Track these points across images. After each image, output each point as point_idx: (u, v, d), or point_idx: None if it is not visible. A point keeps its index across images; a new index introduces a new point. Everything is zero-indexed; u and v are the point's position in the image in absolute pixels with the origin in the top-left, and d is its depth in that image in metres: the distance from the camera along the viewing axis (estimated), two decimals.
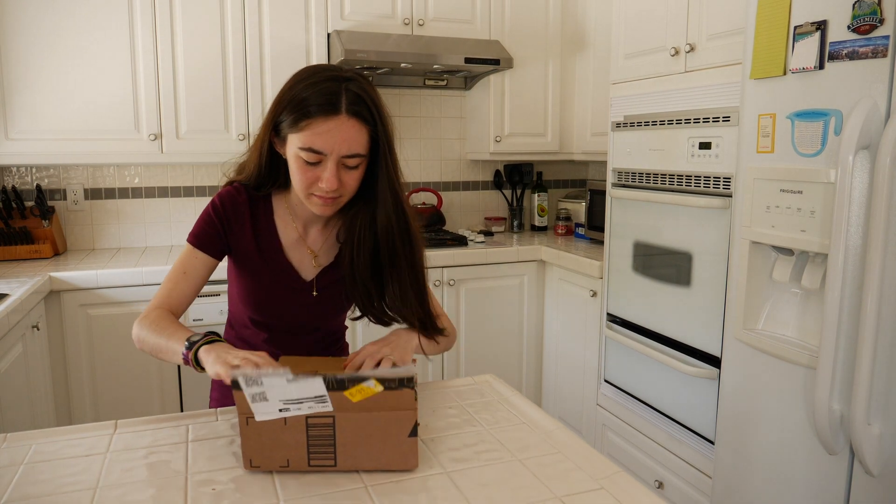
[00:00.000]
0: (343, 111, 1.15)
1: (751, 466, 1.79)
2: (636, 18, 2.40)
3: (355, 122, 1.16)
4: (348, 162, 1.19)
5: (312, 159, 1.17)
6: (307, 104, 1.15)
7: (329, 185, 1.18)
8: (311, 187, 1.20)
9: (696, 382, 2.13)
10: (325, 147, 1.16)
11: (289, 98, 1.18)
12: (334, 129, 1.15)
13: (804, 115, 1.57)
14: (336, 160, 1.17)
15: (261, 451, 0.97)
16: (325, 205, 1.23)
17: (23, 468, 0.99)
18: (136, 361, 2.52)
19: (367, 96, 1.18)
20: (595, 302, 2.70)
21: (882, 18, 1.39)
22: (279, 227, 1.34)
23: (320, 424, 0.96)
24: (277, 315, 1.36)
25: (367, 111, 1.18)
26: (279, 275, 1.34)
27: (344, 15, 2.89)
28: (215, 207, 1.31)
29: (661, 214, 2.26)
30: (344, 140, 1.16)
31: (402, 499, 0.90)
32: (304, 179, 1.20)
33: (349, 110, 1.15)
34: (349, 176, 1.20)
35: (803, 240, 1.59)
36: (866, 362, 1.42)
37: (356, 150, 1.18)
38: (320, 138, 1.15)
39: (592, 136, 3.12)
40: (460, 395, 1.29)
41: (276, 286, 1.34)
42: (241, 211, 1.32)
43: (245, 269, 1.34)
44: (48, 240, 2.75)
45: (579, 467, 0.99)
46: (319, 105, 1.14)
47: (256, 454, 0.97)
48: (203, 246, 1.30)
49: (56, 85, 2.58)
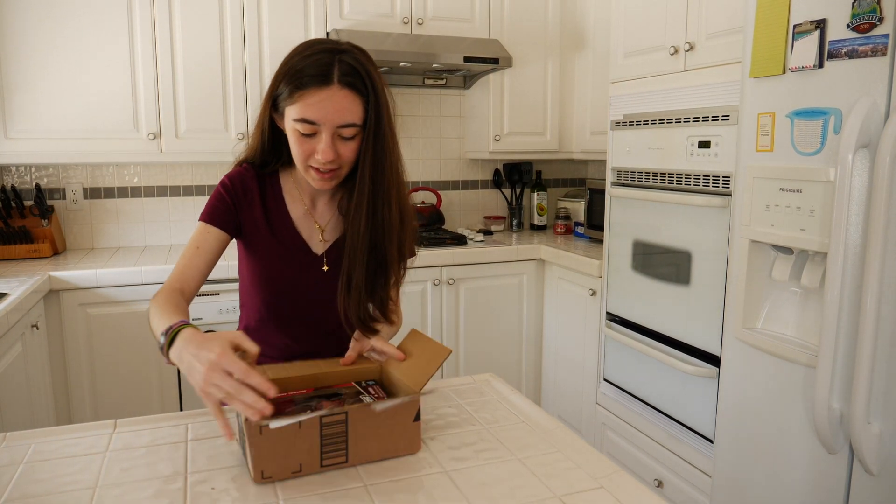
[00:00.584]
0: (335, 81, 1.16)
1: (750, 465, 1.79)
2: (635, 17, 2.40)
3: (348, 92, 1.17)
4: (343, 132, 1.19)
5: (307, 131, 1.18)
6: (301, 75, 1.17)
7: (325, 157, 1.18)
8: (308, 160, 1.22)
9: (696, 381, 2.13)
10: (318, 117, 1.17)
11: (285, 71, 1.20)
12: (326, 99, 1.16)
13: (803, 113, 1.57)
14: (331, 131, 1.18)
15: (274, 459, 0.94)
16: (323, 179, 1.24)
17: (22, 467, 0.99)
18: (136, 360, 2.52)
19: (362, 67, 1.19)
20: (594, 301, 2.70)
21: (881, 17, 1.39)
22: (288, 202, 1.36)
23: (334, 423, 0.96)
24: (290, 296, 1.36)
25: (360, 82, 1.18)
26: (290, 249, 1.35)
27: (343, 14, 2.89)
28: (225, 186, 1.33)
29: (660, 213, 2.26)
30: (337, 110, 1.17)
31: (402, 498, 0.90)
32: (301, 152, 1.21)
33: (342, 80, 1.16)
34: (346, 147, 1.21)
35: (803, 238, 1.59)
36: (866, 361, 1.42)
37: (350, 120, 1.18)
38: (313, 109, 1.16)
39: (592, 135, 3.12)
40: (460, 394, 1.29)
41: (288, 262, 1.35)
42: (250, 187, 1.34)
43: (257, 247, 1.35)
44: (47, 239, 2.75)
45: (579, 466, 0.99)
46: (312, 76, 1.16)
47: (269, 464, 0.94)
48: (215, 221, 1.31)
49: (55, 84, 2.58)
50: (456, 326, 2.96)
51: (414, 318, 2.88)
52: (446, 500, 0.90)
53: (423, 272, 2.87)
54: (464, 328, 2.98)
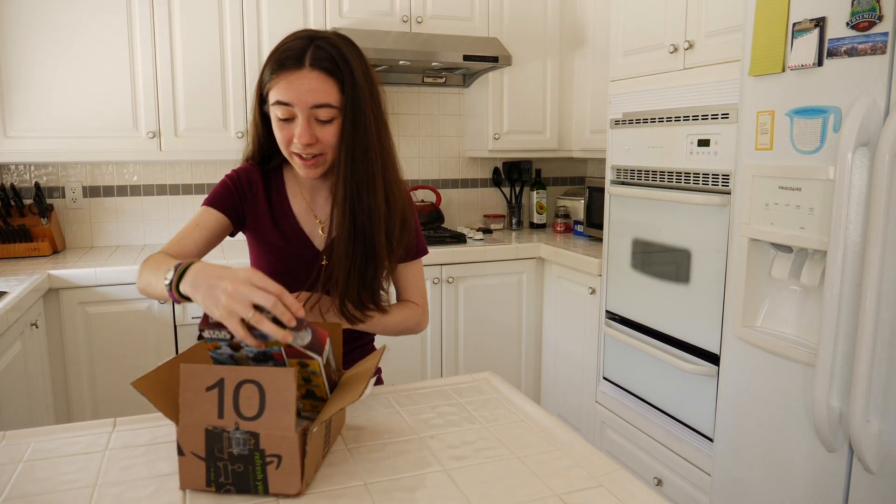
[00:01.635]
0: (307, 64, 1.18)
1: (750, 464, 1.79)
2: (635, 15, 2.40)
3: (319, 73, 1.18)
4: (320, 114, 1.20)
5: (284, 114, 1.20)
6: (279, 59, 1.20)
7: (301, 139, 1.20)
8: (289, 145, 1.23)
9: (695, 380, 2.13)
10: (290, 98, 1.18)
11: (268, 58, 1.23)
12: (297, 80, 1.18)
13: (803, 112, 1.57)
14: (305, 113, 1.19)
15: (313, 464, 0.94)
16: (307, 165, 1.24)
17: (21, 466, 0.98)
18: (135, 359, 2.52)
19: (337, 51, 1.20)
20: (594, 299, 2.70)
21: (881, 15, 1.39)
22: (290, 196, 1.38)
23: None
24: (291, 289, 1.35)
25: (334, 65, 1.19)
26: (294, 244, 1.36)
27: (342, 12, 2.89)
28: (231, 178, 1.35)
29: (659, 212, 2.26)
30: (308, 90, 1.18)
31: (401, 496, 0.90)
32: (282, 138, 1.23)
33: (313, 64, 1.18)
34: (324, 131, 1.21)
35: (802, 237, 1.59)
36: (865, 359, 1.42)
37: (323, 101, 1.19)
38: (285, 90, 1.19)
39: (591, 134, 3.12)
40: (459, 393, 1.29)
41: (293, 257, 1.36)
42: (255, 181, 1.36)
43: (264, 243, 1.36)
44: (47, 238, 2.75)
45: (578, 465, 0.99)
46: (287, 58, 1.19)
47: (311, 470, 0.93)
48: (217, 205, 1.32)
49: (55, 83, 2.57)
50: (455, 325, 2.96)
51: None
52: (446, 499, 0.90)
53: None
54: (463, 326, 2.98)
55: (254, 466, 0.87)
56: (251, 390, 0.87)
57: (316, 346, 0.97)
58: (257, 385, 0.87)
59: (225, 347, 0.95)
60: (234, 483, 0.88)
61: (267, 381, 0.87)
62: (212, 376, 0.88)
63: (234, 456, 0.87)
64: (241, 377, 0.87)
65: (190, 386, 0.88)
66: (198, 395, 0.88)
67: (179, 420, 0.88)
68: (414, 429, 1.11)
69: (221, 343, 0.95)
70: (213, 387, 0.87)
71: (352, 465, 0.99)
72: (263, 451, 0.87)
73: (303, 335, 0.95)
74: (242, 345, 0.94)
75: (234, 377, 0.87)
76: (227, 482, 0.88)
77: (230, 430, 0.87)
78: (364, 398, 1.16)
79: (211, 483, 0.89)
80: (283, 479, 0.88)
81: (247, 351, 0.95)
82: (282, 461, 0.87)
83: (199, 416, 0.87)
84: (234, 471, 0.88)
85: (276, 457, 0.87)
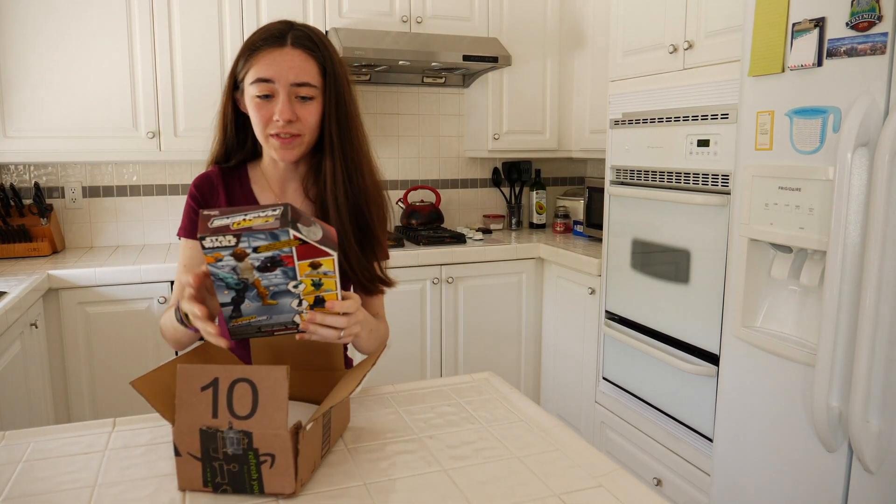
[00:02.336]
0: (289, 43, 1.20)
1: (749, 464, 1.79)
2: (634, 16, 2.40)
3: (301, 52, 1.20)
4: (300, 91, 1.20)
5: (264, 91, 1.19)
6: (256, 42, 1.21)
7: (282, 115, 1.19)
8: (268, 126, 1.22)
9: (695, 380, 2.13)
10: (272, 74, 1.19)
11: (241, 48, 1.24)
12: (279, 56, 1.19)
13: (802, 112, 1.57)
14: (287, 89, 1.19)
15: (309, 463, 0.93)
16: (285, 146, 1.23)
17: (21, 466, 0.98)
18: (135, 359, 2.52)
19: (315, 36, 1.23)
20: (593, 299, 2.70)
21: (881, 15, 1.39)
22: (257, 193, 1.35)
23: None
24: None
25: (314, 45, 1.21)
26: None
27: (342, 12, 2.89)
28: (191, 194, 1.34)
29: (659, 212, 2.26)
30: (291, 67, 1.19)
31: (401, 496, 0.90)
32: (260, 118, 1.22)
33: (295, 43, 1.20)
34: (304, 110, 1.21)
35: (802, 237, 1.59)
36: (864, 359, 1.42)
37: (305, 79, 1.20)
38: (267, 66, 1.19)
39: (591, 134, 3.12)
40: (458, 393, 1.28)
41: None
42: (215, 186, 1.34)
43: None
44: (46, 238, 2.75)
45: (578, 465, 0.99)
46: (266, 39, 1.21)
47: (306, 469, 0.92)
48: (192, 233, 1.32)
49: (54, 82, 2.57)
50: (455, 325, 2.96)
51: (413, 317, 2.88)
52: (445, 499, 0.90)
53: (423, 271, 2.87)
54: (463, 327, 2.98)
55: (248, 466, 0.87)
56: (244, 389, 0.87)
57: (329, 240, 0.94)
58: (250, 384, 0.87)
59: (228, 258, 0.91)
60: (231, 483, 0.88)
61: (260, 379, 0.87)
62: (207, 376, 0.88)
63: (229, 456, 0.87)
64: (234, 376, 0.87)
65: (186, 386, 0.88)
66: (193, 395, 0.88)
67: (175, 420, 0.88)
68: (413, 429, 1.11)
69: (224, 252, 0.91)
70: (208, 386, 0.87)
71: (351, 465, 0.99)
72: (257, 450, 0.87)
73: (314, 229, 0.92)
74: (248, 250, 0.90)
75: (227, 376, 0.87)
76: (223, 482, 0.88)
77: (224, 430, 0.87)
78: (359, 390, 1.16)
79: (208, 483, 0.89)
80: (278, 478, 0.88)
81: (252, 259, 0.91)
82: (275, 460, 0.87)
83: (194, 417, 0.87)
84: (230, 471, 0.88)
85: (269, 456, 0.87)
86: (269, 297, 0.96)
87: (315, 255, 0.93)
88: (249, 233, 0.89)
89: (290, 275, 0.94)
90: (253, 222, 0.89)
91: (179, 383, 0.88)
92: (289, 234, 0.89)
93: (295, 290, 0.96)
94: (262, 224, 0.88)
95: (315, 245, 0.91)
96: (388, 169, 3.39)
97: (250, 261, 0.91)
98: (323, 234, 0.93)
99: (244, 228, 0.89)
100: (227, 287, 0.95)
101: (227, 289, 0.95)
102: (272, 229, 0.88)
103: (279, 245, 0.90)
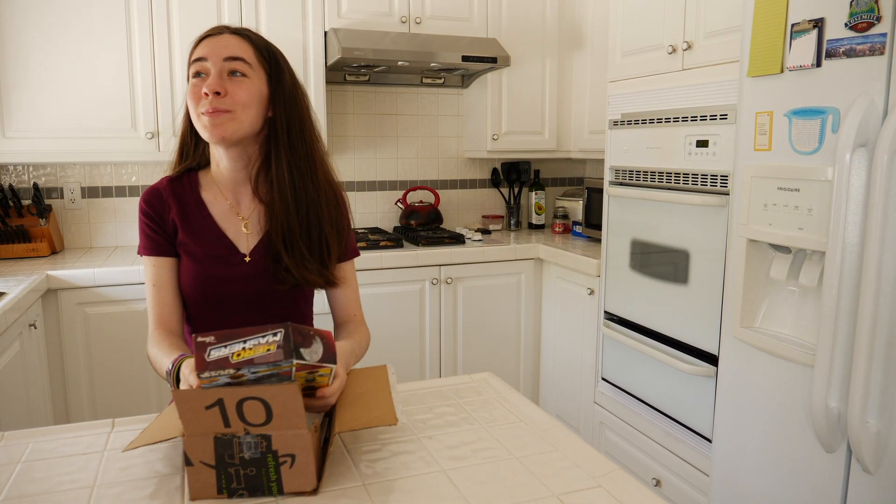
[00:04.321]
0: (226, 32, 1.25)
1: (748, 464, 1.79)
2: (633, 16, 2.40)
3: (238, 37, 1.25)
4: (232, 66, 1.22)
5: (197, 68, 1.22)
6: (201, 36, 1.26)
7: (210, 87, 1.19)
8: (199, 104, 1.22)
9: (694, 380, 2.13)
10: (205, 52, 1.22)
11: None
12: (214, 39, 1.24)
13: (801, 112, 1.58)
14: (218, 66, 1.21)
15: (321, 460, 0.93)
16: (214, 121, 1.20)
17: (20, 466, 0.98)
18: (134, 359, 2.51)
19: (255, 32, 1.28)
20: (592, 300, 2.70)
21: (879, 16, 1.39)
22: (207, 200, 1.33)
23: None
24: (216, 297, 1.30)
25: (250, 34, 1.26)
26: (213, 246, 1.30)
27: (341, 13, 2.89)
28: (143, 210, 1.32)
29: (658, 212, 2.26)
30: (224, 45, 1.22)
31: (400, 497, 0.90)
32: (192, 98, 1.22)
33: (232, 31, 1.25)
34: (235, 85, 1.22)
35: (801, 237, 1.60)
36: (863, 360, 1.42)
37: (237, 53, 1.22)
38: (202, 49, 1.23)
39: (590, 134, 3.12)
40: (458, 393, 1.28)
41: (212, 260, 1.30)
42: (165, 198, 1.32)
43: (185, 253, 1.31)
44: (45, 238, 2.74)
45: (577, 465, 0.99)
46: (208, 31, 1.26)
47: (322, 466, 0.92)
48: (153, 250, 1.30)
49: (53, 83, 2.57)
50: (454, 325, 2.96)
51: (412, 317, 2.88)
52: (444, 499, 0.90)
53: (422, 271, 2.87)
54: (462, 327, 2.98)
55: (267, 468, 0.86)
56: (255, 405, 0.85)
57: (329, 355, 0.93)
58: (261, 401, 0.85)
59: (222, 378, 0.88)
60: (248, 487, 0.87)
61: (271, 396, 0.85)
62: (209, 397, 0.85)
63: (246, 460, 0.86)
64: (240, 395, 0.85)
65: (187, 409, 0.85)
66: (198, 413, 0.85)
67: (185, 431, 0.86)
68: (412, 429, 1.11)
69: (221, 377, 0.87)
70: (213, 405, 0.85)
71: (351, 466, 0.99)
72: (276, 451, 0.86)
73: (315, 348, 0.91)
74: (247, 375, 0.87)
75: (233, 396, 0.85)
76: (239, 487, 0.87)
77: (241, 436, 0.85)
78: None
79: (223, 490, 0.87)
80: (298, 477, 0.87)
81: (248, 375, 0.87)
82: (296, 460, 0.87)
83: (205, 427, 0.86)
84: (247, 475, 0.86)
85: (289, 456, 0.86)
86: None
87: (314, 369, 0.92)
88: (250, 364, 0.86)
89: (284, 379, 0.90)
90: (254, 352, 0.86)
91: (180, 409, 0.85)
92: (292, 362, 0.87)
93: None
94: (264, 356, 0.86)
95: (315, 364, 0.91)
96: (387, 169, 3.40)
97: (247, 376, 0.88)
98: (324, 351, 0.92)
99: (245, 361, 0.86)
100: None
101: None
102: (275, 361, 0.86)
103: (280, 368, 0.87)
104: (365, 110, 3.34)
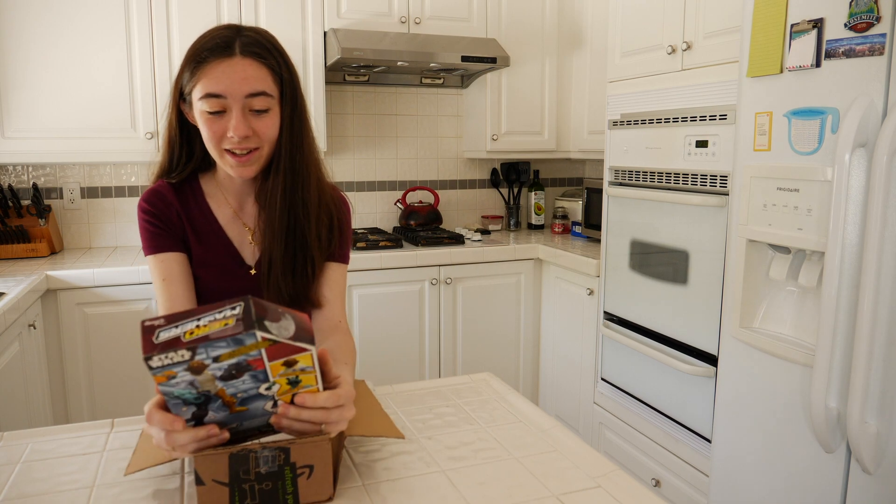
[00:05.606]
0: (237, 52, 1.10)
1: (747, 465, 1.79)
2: (633, 16, 2.40)
3: (252, 61, 1.11)
4: (255, 103, 1.12)
5: (215, 107, 1.10)
6: (201, 52, 1.11)
7: (237, 132, 1.10)
8: (221, 142, 1.13)
9: (693, 381, 2.13)
10: (222, 89, 1.09)
11: (186, 57, 1.14)
12: (229, 68, 1.09)
13: (801, 113, 1.58)
14: (240, 103, 1.11)
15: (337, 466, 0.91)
16: (241, 164, 1.15)
17: (19, 467, 0.98)
18: (133, 360, 2.51)
19: (266, 40, 1.14)
20: (592, 300, 2.70)
21: (879, 16, 1.39)
22: (212, 206, 1.27)
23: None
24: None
25: (265, 51, 1.13)
26: (220, 255, 1.26)
27: (340, 13, 2.89)
28: (144, 210, 1.24)
29: (657, 213, 2.26)
30: (242, 79, 1.10)
31: (399, 497, 0.90)
32: (212, 135, 1.13)
33: (244, 51, 1.11)
34: (261, 123, 1.13)
35: (800, 238, 1.60)
36: (863, 360, 1.42)
37: (260, 88, 1.11)
38: (216, 81, 1.09)
39: (589, 135, 3.12)
40: (457, 394, 1.28)
41: (219, 269, 1.26)
42: (169, 202, 1.25)
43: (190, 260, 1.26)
44: (45, 238, 2.74)
45: (576, 465, 0.99)
46: (212, 49, 1.10)
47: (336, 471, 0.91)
48: (159, 248, 1.23)
49: (53, 83, 2.57)
50: (453, 326, 2.96)
51: (411, 317, 2.88)
52: (444, 500, 0.89)
53: (421, 271, 2.87)
54: (461, 328, 2.98)
55: (283, 481, 0.84)
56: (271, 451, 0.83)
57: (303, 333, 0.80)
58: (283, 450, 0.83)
59: (183, 373, 0.75)
60: (262, 502, 0.84)
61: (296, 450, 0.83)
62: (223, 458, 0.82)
63: (262, 475, 0.82)
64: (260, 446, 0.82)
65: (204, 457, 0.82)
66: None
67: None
68: (412, 430, 1.11)
69: (177, 369, 0.75)
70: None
71: (350, 466, 0.98)
72: (294, 464, 0.83)
73: (285, 324, 0.78)
74: (206, 361, 0.75)
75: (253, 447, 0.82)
76: (253, 502, 0.84)
77: (257, 451, 0.82)
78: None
79: None
80: (315, 487, 0.86)
81: (213, 370, 0.76)
82: (314, 470, 0.85)
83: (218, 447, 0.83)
84: (262, 490, 0.83)
85: (307, 467, 0.84)
86: (238, 403, 0.82)
87: (289, 353, 0.78)
88: (206, 342, 0.73)
89: (260, 378, 0.79)
90: (209, 328, 0.74)
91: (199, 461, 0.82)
92: (255, 336, 0.73)
93: (268, 392, 0.81)
94: (221, 330, 0.73)
95: (288, 343, 0.77)
96: (387, 170, 3.40)
97: (210, 372, 0.76)
98: (296, 328, 0.79)
99: (199, 339, 0.73)
100: (186, 403, 0.80)
101: (186, 405, 0.80)
102: (234, 335, 0.73)
103: (245, 350, 0.75)
104: (364, 110, 3.34)
